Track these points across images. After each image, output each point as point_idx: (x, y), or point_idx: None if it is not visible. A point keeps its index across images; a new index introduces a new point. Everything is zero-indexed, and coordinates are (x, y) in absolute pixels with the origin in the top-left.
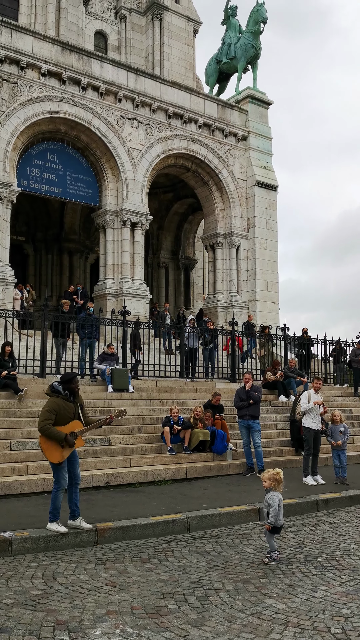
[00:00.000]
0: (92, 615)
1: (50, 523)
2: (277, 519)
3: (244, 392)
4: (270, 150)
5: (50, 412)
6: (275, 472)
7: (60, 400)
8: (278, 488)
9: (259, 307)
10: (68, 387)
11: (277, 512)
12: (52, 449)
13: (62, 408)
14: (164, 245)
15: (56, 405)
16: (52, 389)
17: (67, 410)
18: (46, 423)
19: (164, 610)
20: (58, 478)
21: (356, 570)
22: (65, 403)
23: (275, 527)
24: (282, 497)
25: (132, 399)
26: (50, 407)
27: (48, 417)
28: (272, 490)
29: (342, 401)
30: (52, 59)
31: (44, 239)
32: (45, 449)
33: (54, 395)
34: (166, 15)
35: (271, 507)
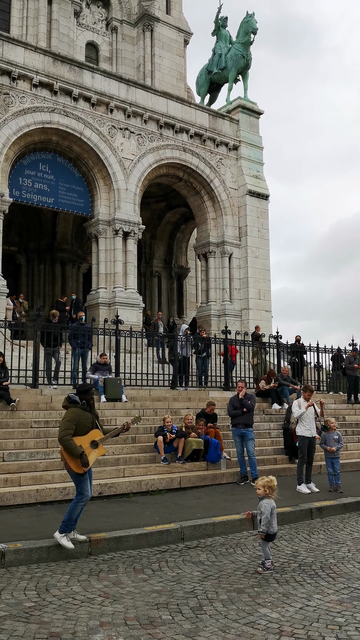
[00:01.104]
0: (86, 626)
1: (60, 533)
2: (268, 526)
3: (237, 401)
4: (261, 160)
5: (70, 422)
6: (269, 479)
7: (79, 410)
8: (272, 495)
9: (252, 315)
10: (85, 398)
11: (268, 519)
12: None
13: (82, 418)
14: (157, 254)
15: (76, 415)
16: (70, 400)
17: (86, 420)
18: (67, 433)
19: (157, 621)
20: (82, 489)
21: (350, 578)
22: (84, 413)
23: (268, 534)
24: (275, 504)
25: (125, 408)
26: (70, 417)
27: (69, 426)
28: (265, 498)
29: (336, 408)
30: (43, 70)
31: (36, 249)
32: (69, 460)
33: (71, 405)
34: (157, 27)
35: (262, 515)
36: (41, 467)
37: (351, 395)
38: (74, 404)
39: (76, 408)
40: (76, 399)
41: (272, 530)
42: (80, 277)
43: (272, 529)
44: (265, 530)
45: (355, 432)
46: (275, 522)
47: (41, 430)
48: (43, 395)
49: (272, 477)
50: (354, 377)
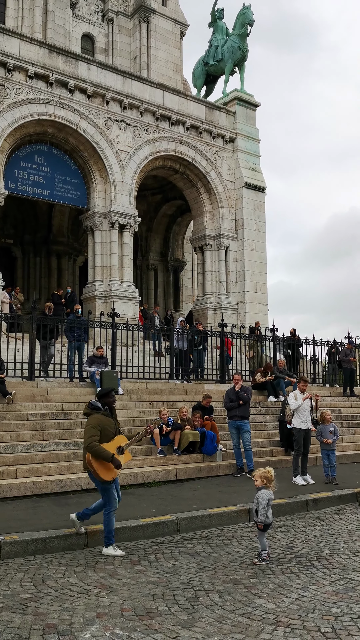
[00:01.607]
0: (82, 618)
1: (106, 547)
2: (265, 516)
3: (233, 393)
4: (257, 152)
5: (95, 428)
6: (266, 470)
7: (101, 417)
8: (270, 486)
9: (248, 308)
10: (106, 402)
11: (265, 510)
12: (103, 468)
13: (105, 423)
14: (153, 247)
15: (99, 422)
16: (92, 406)
17: (109, 426)
18: (93, 439)
19: (154, 612)
20: (109, 499)
21: (346, 569)
22: (107, 419)
23: (265, 525)
24: (272, 495)
25: (122, 401)
26: (94, 424)
27: (94, 433)
28: (263, 489)
29: (332, 401)
30: (39, 62)
31: (32, 241)
32: (97, 468)
33: (94, 412)
34: (153, 18)
35: (260, 505)
36: (37, 459)
37: (347, 388)
38: (97, 410)
39: (99, 414)
40: (98, 405)
41: (268, 521)
42: (76, 270)
43: (268, 519)
44: (263, 521)
45: (351, 424)
46: (270, 513)
47: (37, 423)
48: (39, 388)
49: (269, 468)
50: (350, 370)
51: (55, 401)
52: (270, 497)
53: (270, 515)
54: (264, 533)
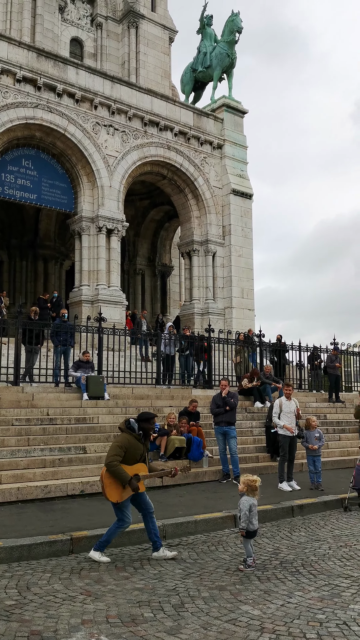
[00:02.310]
0: (67, 624)
1: (94, 551)
2: (247, 523)
3: (220, 399)
4: (245, 159)
5: (120, 448)
6: (251, 479)
7: (132, 438)
8: (251, 494)
9: (235, 314)
10: (144, 427)
11: (247, 516)
12: (113, 487)
13: (133, 447)
14: (141, 252)
15: (127, 442)
16: (128, 425)
17: (136, 450)
18: (115, 459)
19: (139, 619)
20: (122, 517)
21: (331, 575)
22: (137, 443)
23: (248, 531)
24: (255, 501)
25: (108, 406)
26: (121, 443)
27: (118, 452)
28: (244, 495)
29: (317, 407)
30: (27, 65)
31: (18, 245)
32: (106, 485)
33: (127, 431)
34: (142, 24)
35: (241, 512)
36: (22, 465)
37: (332, 394)
38: (130, 431)
39: (130, 436)
40: (133, 427)
41: (252, 528)
42: (63, 274)
43: (252, 526)
44: (245, 527)
45: (337, 430)
46: (255, 520)
47: (22, 428)
48: (24, 393)
49: (256, 477)
50: (335, 376)
51: (40, 406)
52: (251, 504)
53: (255, 522)
54: (249, 540)
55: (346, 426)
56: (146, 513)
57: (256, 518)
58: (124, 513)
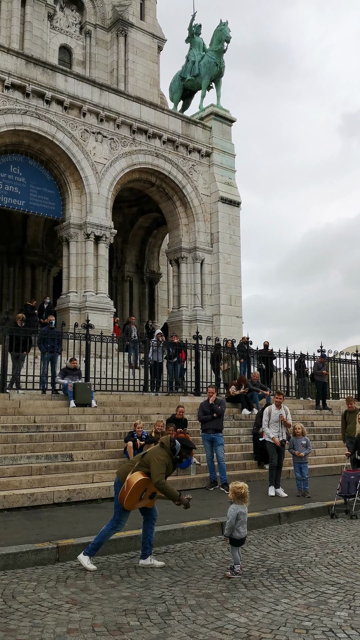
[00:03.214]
0: (53, 634)
1: (84, 555)
2: (232, 530)
3: (207, 406)
4: (233, 167)
5: (164, 466)
6: (239, 486)
7: (170, 459)
8: (239, 501)
9: (223, 321)
10: (182, 454)
11: (232, 524)
12: (134, 497)
13: (168, 467)
14: (129, 259)
15: (168, 461)
16: (172, 445)
17: (169, 470)
18: (162, 477)
19: (125, 627)
20: (119, 519)
21: (317, 582)
22: (172, 464)
23: (234, 539)
24: (243, 510)
25: (95, 413)
26: (164, 461)
27: (163, 470)
28: (232, 503)
29: (304, 414)
30: (16, 72)
31: (6, 252)
32: (131, 494)
33: (169, 451)
34: (131, 32)
35: (227, 520)
36: (8, 472)
37: (319, 401)
38: (172, 452)
39: (170, 456)
40: (176, 449)
41: (238, 535)
42: (51, 281)
43: (238, 533)
44: (228, 535)
45: (324, 437)
46: (243, 528)
47: (9, 436)
48: (11, 400)
49: (242, 484)
50: (322, 383)
51: (27, 413)
52: (239, 512)
53: (243, 530)
54: (237, 547)
55: (333, 433)
56: (150, 518)
57: (244, 526)
58: (123, 517)
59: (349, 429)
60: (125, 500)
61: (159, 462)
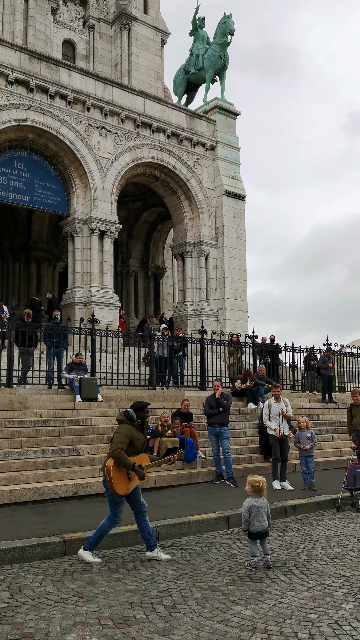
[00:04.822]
0: (59, 627)
1: (84, 550)
2: (246, 524)
3: (213, 400)
4: (238, 160)
5: (125, 437)
6: (253, 479)
7: (133, 429)
8: (256, 495)
9: (228, 315)
10: (140, 416)
11: (246, 518)
12: (120, 479)
13: (135, 437)
14: (134, 253)
15: (130, 433)
16: (127, 415)
17: (139, 440)
18: (120, 446)
19: (131, 620)
20: (116, 512)
21: (323, 575)
22: (138, 433)
23: (250, 532)
24: (258, 502)
25: (101, 408)
26: (125, 433)
27: (123, 440)
28: (248, 496)
29: (310, 408)
30: (19, 67)
31: (11, 247)
32: (114, 479)
33: (128, 421)
34: (134, 26)
35: (242, 514)
36: (15, 467)
37: (325, 394)
38: (130, 421)
39: (131, 425)
40: (133, 416)
41: (252, 529)
42: (56, 276)
43: (253, 527)
44: (244, 529)
45: (330, 430)
46: (257, 521)
47: (15, 430)
48: (17, 395)
49: (259, 478)
50: (328, 377)
51: (33, 408)
52: (251, 505)
53: (257, 524)
54: (253, 541)
55: (339, 427)
56: (139, 512)
57: (260, 519)
58: (119, 508)
59: (355, 422)
60: (115, 487)
61: (119, 435)
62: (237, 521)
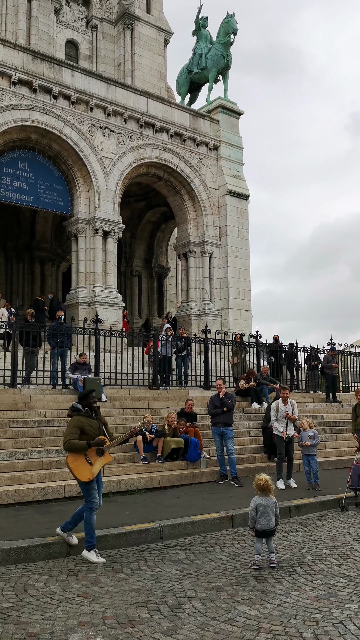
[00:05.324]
0: (64, 626)
1: (87, 551)
2: (252, 522)
3: (217, 400)
4: (241, 160)
5: (74, 428)
6: (259, 478)
7: (82, 418)
8: (261, 493)
9: (232, 315)
10: (86, 404)
11: (251, 516)
12: (81, 467)
13: (87, 425)
14: (137, 253)
15: (79, 422)
16: (73, 408)
17: (91, 426)
18: (70, 437)
19: (136, 620)
20: (90, 498)
21: (327, 575)
22: (89, 420)
23: (256, 530)
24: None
25: (105, 408)
26: (73, 424)
27: (72, 432)
28: (255, 496)
29: (314, 407)
30: (22, 68)
31: (14, 247)
32: (74, 469)
33: (75, 413)
34: (137, 26)
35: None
36: (19, 467)
37: (329, 394)
38: (77, 412)
39: (79, 416)
40: (78, 407)
41: (258, 527)
42: (60, 276)
43: (259, 525)
44: (250, 526)
45: (334, 430)
46: (263, 519)
47: (19, 430)
48: (21, 395)
49: (264, 477)
50: (332, 376)
51: (37, 408)
52: (257, 503)
53: (263, 522)
54: (260, 539)
55: (343, 426)
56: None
57: (266, 517)
58: (92, 493)
59: (359, 422)
60: (78, 476)
61: (68, 427)
62: (242, 521)
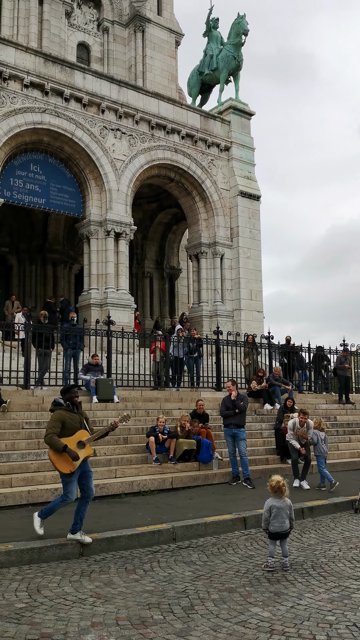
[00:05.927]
0: (77, 627)
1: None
2: (266, 523)
3: (229, 401)
4: (252, 161)
5: (55, 422)
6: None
7: (64, 412)
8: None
9: (244, 316)
10: (68, 398)
11: (264, 516)
12: (62, 459)
13: (68, 419)
14: (149, 255)
15: (60, 417)
16: (55, 403)
17: (72, 420)
18: (50, 431)
19: (149, 621)
20: (68, 490)
21: (341, 577)
22: (70, 414)
23: (270, 532)
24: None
25: (117, 409)
26: (54, 418)
27: (53, 425)
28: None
29: (327, 408)
30: (34, 71)
31: (27, 249)
32: (55, 461)
33: (56, 408)
34: (148, 27)
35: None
36: (33, 468)
37: (342, 395)
38: (59, 407)
39: (61, 410)
40: (60, 402)
41: (272, 528)
42: (72, 278)
43: (272, 527)
44: (264, 528)
45: (347, 431)
46: (277, 521)
47: (32, 431)
48: (34, 397)
49: (277, 478)
50: (345, 377)
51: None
52: (270, 505)
53: (277, 524)
54: (272, 540)
55: (356, 427)
56: (85, 496)
57: (279, 519)
58: (71, 487)
59: None
60: (59, 468)
61: (50, 421)
62: (254, 522)
